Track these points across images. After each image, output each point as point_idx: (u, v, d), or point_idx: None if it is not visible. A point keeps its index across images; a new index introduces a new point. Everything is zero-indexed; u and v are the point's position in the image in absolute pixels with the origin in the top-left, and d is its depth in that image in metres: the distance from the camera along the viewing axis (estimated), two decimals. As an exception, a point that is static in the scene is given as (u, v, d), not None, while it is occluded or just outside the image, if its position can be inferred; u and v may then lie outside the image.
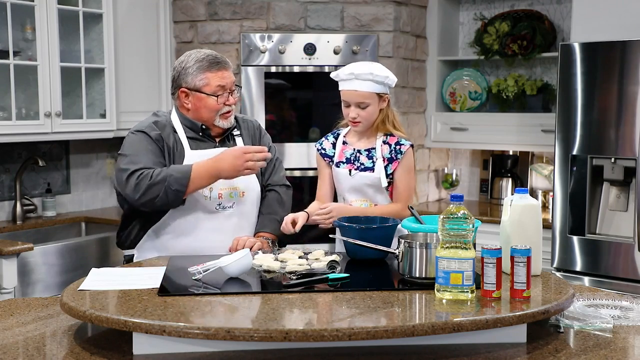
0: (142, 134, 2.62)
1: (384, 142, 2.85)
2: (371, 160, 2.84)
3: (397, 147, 2.83)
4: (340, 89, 2.81)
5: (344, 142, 2.91)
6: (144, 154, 2.58)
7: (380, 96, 2.79)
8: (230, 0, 4.29)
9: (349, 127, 2.92)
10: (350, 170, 2.84)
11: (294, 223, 2.65)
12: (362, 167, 2.84)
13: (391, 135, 2.85)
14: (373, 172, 2.82)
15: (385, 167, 2.82)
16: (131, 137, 2.65)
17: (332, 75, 2.86)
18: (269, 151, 2.85)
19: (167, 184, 2.51)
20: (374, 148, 2.85)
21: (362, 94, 2.75)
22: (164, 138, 2.62)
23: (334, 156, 2.90)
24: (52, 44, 3.81)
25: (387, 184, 2.82)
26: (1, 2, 3.64)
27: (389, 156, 2.83)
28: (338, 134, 2.95)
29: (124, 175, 2.55)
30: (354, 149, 2.88)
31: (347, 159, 2.87)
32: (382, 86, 2.78)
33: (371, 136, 2.87)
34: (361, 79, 2.74)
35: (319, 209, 2.72)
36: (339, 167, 2.88)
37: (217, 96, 2.64)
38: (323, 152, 2.93)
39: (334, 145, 2.93)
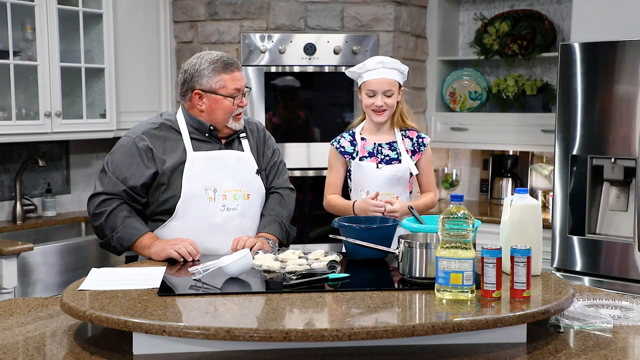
0: (132, 143, 2.66)
1: (404, 136, 2.97)
2: (395, 152, 2.93)
3: (419, 140, 2.98)
4: (366, 79, 2.89)
5: (362, 139, 2.97)
6: (126, 168, 2.63)
7: (400, 87, 2.92)
8: (230, 0, 4.28)
9: (362, 125, 3.00)
10: (377, 164, 2.90)
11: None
12: (387, 159, 2.92)
13: (408, 130, 2.98)
14: (400, 162, 2.91)
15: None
16: (122, 143, 2.70)
17: (348, 71, 2.96)
18: (273, 154, 2.87)
19: (113, 235, 2.60)
20: (395, 141, 2.95)
21: (390, 81, 2.88)
22: (153, 148, 2.64)
23: (353, 152, 2.95)
24: (52, 44, 3.81)
25: (415, 173, 2.95)
26: (1, 2, 3.64)
27: (412, 149, 2.97)
28: (353, 132, 3.00)
29: (93, 193, 2.68)
30: (375, 143, 2.95)
31: (369, 152, 2.94)
32: (402, 76, 2.92)
33: (389, 131, 2.97)
34: (388, 67, 2.88)
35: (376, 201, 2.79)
36: (362, 161, 2.92)
37: (234, 98, 2.66)
38: (342, 150, 2.96)
39: (351, 142, 2.96)
